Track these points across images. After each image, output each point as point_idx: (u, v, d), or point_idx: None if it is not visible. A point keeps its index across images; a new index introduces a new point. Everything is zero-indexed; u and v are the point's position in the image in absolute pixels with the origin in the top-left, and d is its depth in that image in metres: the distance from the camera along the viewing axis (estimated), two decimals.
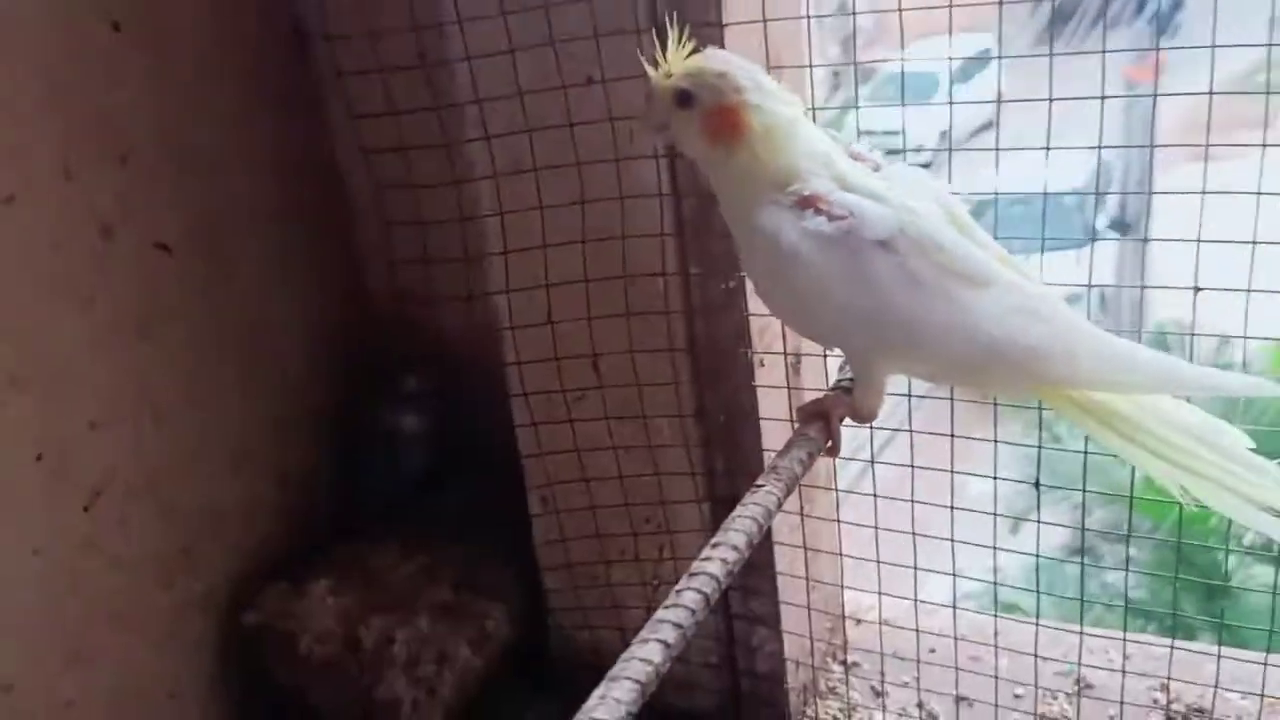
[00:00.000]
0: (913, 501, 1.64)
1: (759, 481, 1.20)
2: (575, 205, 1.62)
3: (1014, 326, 1.24)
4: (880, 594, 1.79)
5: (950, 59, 1.73)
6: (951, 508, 1.63)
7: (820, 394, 1.42)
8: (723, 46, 1.45)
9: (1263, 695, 1.63)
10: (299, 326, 2.06)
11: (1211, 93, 1.33)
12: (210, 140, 1.85)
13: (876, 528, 1.70)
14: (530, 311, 1.72)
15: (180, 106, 1.79)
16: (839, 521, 1.82)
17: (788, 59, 1.55)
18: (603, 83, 1.52)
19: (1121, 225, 9.43)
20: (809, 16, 1.49)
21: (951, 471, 1.61)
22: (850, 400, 1.36)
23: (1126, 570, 1.65)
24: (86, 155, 1.65)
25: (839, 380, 1.45)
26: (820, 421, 1.35)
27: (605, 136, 1.57)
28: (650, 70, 1.29)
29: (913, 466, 1.63)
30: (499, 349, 1.83)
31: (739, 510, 1.14)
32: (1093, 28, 1.54)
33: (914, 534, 1.66)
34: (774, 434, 1.72)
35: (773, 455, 1.27)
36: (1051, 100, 1.42)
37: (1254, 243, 1.36)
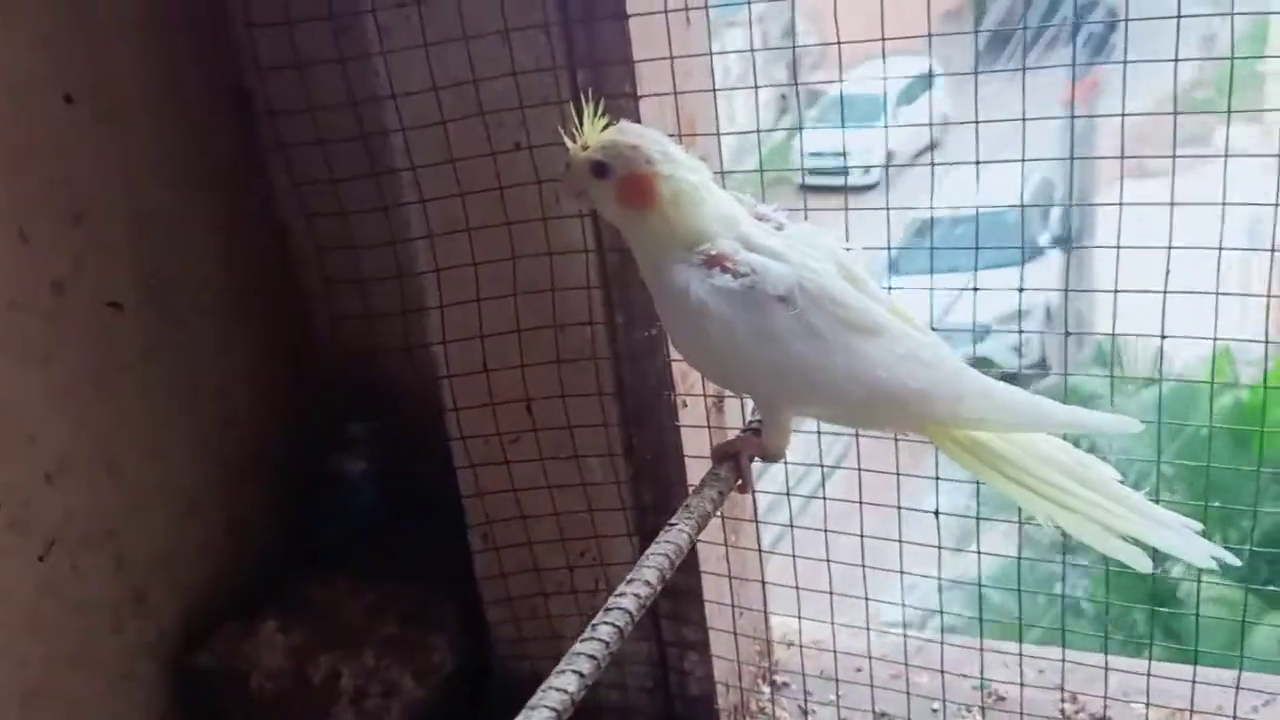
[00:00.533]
0: (825, 531, 1.77)
1: (672, 520, 1.32)
2: (507, 261, 1.73)
3: (903, 372, 1.36)
4: (800, 618, 1.91)
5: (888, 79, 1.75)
6: (861, 536, 1.75)
7: (736, 433, 1.54)
8: (638, 116, 1.58)
9: (1148, 704, 1.75)
10: (248, 378, 2.15)
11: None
12: (161, 202, 1.95)
13: (794, 556, 1.82)
14: (466, 360, 1.83)
15: (132, 172, 1.88)
16: (760, 551, 1.93)
17: (701, 126, 1.68)
18: (529, 149, 1.64)
19: (1065, 241, 9.67)
20: (715, 90, 1.61)
21: (860, 503, 1.73)
22: (759, 441, 1.48)
23: (1020, 591, 1.78)
24: (42, 219, 1.74)
25: (750, 422, 1.57)
26: (731, 461, 1.46)
27: (533, 198, 1.68)
28: (569, 143, 1.41)
29: (824, 499, 1.75)
30: (439, 396, 1.93)
31: (653, 548, 1.24)
32: (1030, 49, 1.63)
33: (828, 561, 1.78)
34: (697, 470, 1.83)
35: None
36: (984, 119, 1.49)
37: (1165, 291, 1.47)
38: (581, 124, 1.40)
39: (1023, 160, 1.55)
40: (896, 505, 1.69)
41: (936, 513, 1.66)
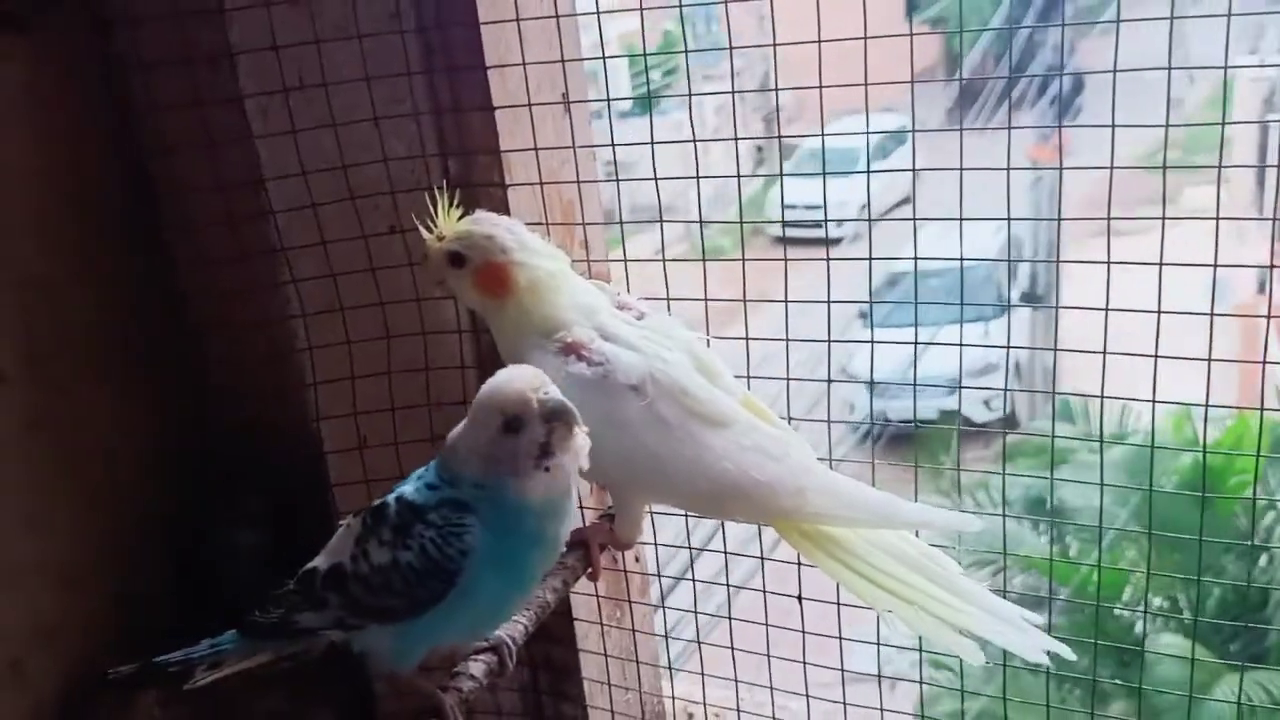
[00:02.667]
0: (696, 613, 1.77)
1: None
2: (381, 340, 1.75)
3: (749, 464, 1.39)
4: (674, 698, 1.91)
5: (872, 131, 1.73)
6: (731, 619, 1.75)
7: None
8: (506, 205, 1.61)
9: None
10: (138, 448, 2.13)
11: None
12: (49, 269, 1.95)
13: (667, 637, 1.83)
14: (344, 438, 1.84)
15: (18, 238, 1.88)
16: (635, 631, 1.93)
17: (580, 215, 1.70)
18: (402, 232, 1.66)
19: (1033, 298, 9.80)
20: (580, 181, 1.64)
21: (765, 592, 1.71)
22: (610, 528, 1.50)
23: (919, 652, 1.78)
24: None
25: (607, 508, 1.58)
26: (581, 549, 1.48)
27: (407, 279, 1.70)
28: (425, 233, 1.44)
29: (691, 580, 1.76)
30: (324, 471, 1.94)
31: (483, 643, 1.26)
32: (998, 107, 1.63)
33: (699, 642, 1.79)
34: None
35: None
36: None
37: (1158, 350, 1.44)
38: (438, 214, 1.44)
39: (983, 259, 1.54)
40: (762, 589, 1.70)
41: (800, 598, 1.67)
